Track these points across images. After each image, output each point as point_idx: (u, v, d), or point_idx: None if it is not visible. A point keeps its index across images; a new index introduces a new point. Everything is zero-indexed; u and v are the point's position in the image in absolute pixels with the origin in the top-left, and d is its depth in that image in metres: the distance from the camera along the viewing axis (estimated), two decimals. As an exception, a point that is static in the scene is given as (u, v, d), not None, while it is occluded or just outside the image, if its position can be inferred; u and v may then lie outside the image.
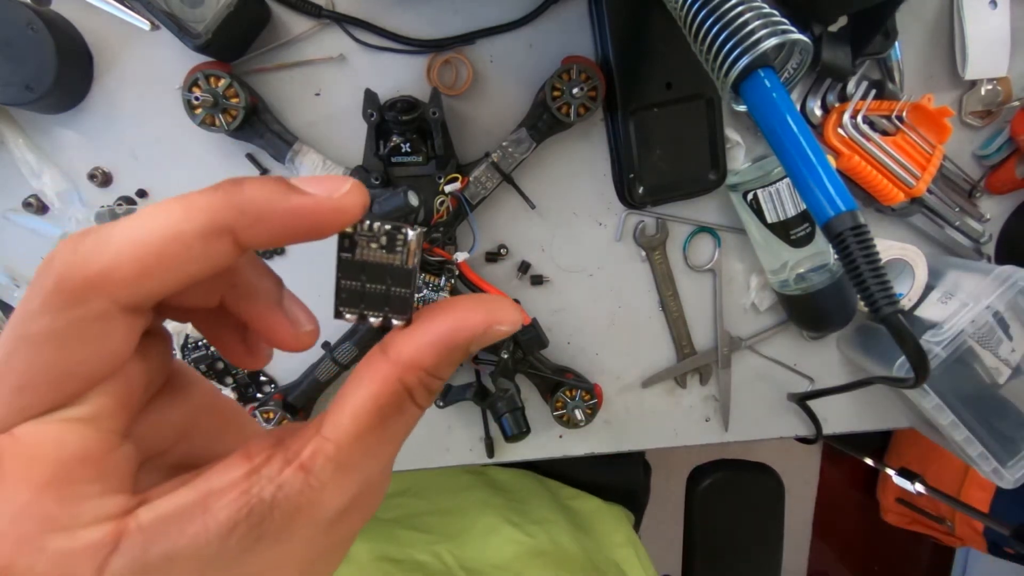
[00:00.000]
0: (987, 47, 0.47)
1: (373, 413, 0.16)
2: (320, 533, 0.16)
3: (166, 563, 0.13)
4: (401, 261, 0.16)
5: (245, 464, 0.15)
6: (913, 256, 0.51)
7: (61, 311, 0.13)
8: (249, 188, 0.15)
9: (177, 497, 0.14)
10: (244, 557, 0.14)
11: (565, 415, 0.49)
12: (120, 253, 0.13)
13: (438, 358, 0.16)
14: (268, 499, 0.15)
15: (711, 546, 0.72)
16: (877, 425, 0.57)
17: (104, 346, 0.14)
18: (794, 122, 0.27)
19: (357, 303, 0.17)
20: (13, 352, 0.13)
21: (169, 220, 0.14)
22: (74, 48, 0.42)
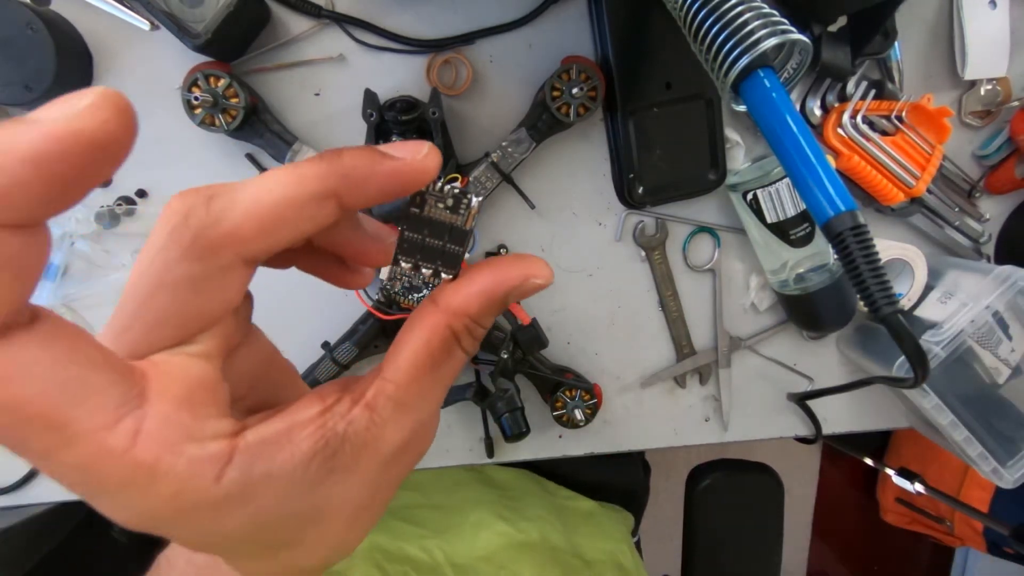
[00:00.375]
0: (986, 47, 0.47)
1: (426, 356, 0.18)
2: (381, 468, 0.18)
3: (263, 481, 0.15)
4: (461, 222, 0.19)
5: (319, 403, 0.17)
6: (913, 256, 0.51)
7: (197, 261, 0.15)
8: (349, 156, 0.17)
9: (270, 426, 0.16)
10: (318, 486, 0.16)
11: (565, 415, 0.49)
12: (247, 214, 0.15)
13: (482, 306, 0.18)
14: (340, 433, 0.17)
15: (710, 546, 0.72)
16: (877, 425, 0.57)
17: (225, 293, 0.16)
18: (794, 122, 0.27)
19: (414, 253, 0.19)
20: (152, 294, 0.16)
21: (286, 186, 0.16)
22: (74, 48, 0.42)
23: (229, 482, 0.15)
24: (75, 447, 0.13)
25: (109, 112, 0.13)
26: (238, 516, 0.16)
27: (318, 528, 0.18)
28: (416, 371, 0.18)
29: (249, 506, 0.16)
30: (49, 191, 0.12)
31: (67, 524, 0.68)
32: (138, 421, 0.14)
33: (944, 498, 0.81)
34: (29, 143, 0.12)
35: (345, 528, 0.18)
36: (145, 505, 0.14)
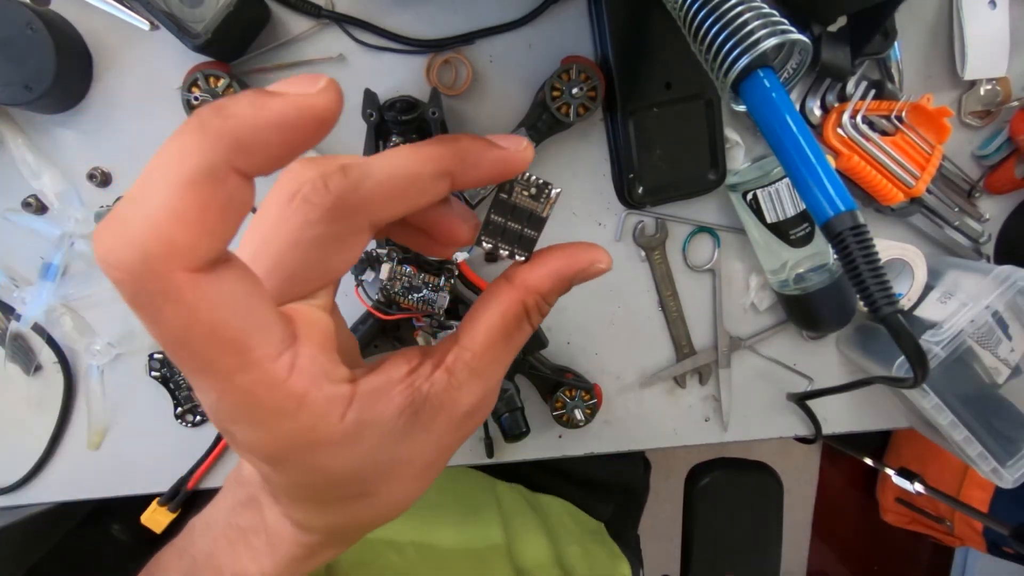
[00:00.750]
0: (986, 47, 0.48)
1: (500, 328, 0.20)
2: (453, 427, 0.20)
3: (370, 426, 0.18)
4: (540, 210, 0.21)
5: (406, 364, 0.19)
6: (913, 256, 0.51)
7: (335, 222, 0.17)
8: (465, 141, 0.19)
9: (373, 379, 0.18)
10: (402, 438, 0.18)
11: (565, 415, 0.49)
12: (380, 183, 0.17)
13: (552, 285, 0.21)
14: (424, 393, 0.19)
15: (709, 545, 0.72)
16: (876, 425, 0.57)
17: (350, 253, 0.19)
18: (793, 122, 0.27)
19: (496, 235, 0.21)
20: (288, 249, 0.17)
21: (412, 164, 0.18)
22: (73, 48, 0.42)
23: (348, 422, 0.17)
24: (249, 372, 0.15)
25: (334, 94, 0.15)
26: (346, 456, 0.18)
27: (390, 482, 0.19)
28: (490, 340, 0.20)
29: (356, 448, 0.18)
30: (281, 151, 0.15)
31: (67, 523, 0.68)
32: (293, 357, 0.16)
33: (944, 498, 0.81)
34: (279, 110, 0.14)
35: (411, 483, 0.20)
36: (285, 431, 0.16)
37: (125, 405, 0.51)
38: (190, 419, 0.51)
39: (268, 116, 0.14)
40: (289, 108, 0.14)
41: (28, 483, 0.51)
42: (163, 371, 0.50)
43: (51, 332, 0.49)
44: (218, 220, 0.13)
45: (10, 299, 0.47)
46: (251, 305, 0.15)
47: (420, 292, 0.44)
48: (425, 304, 0.44)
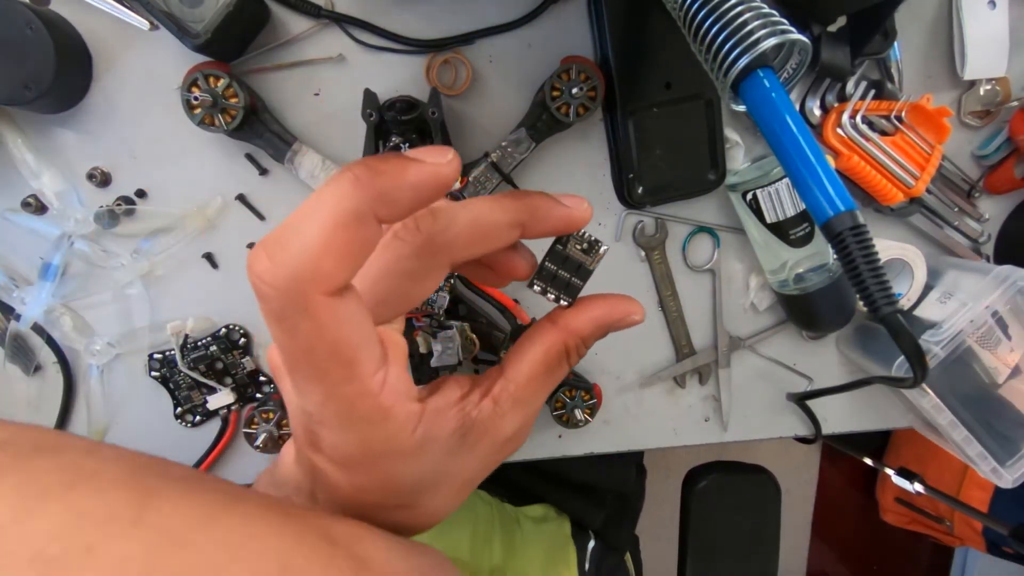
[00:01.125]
0: (986, 47, 0.48)
1: (542, 364, 0.22)
2: (494, 450, 0.22)
3: (431, 443, 0.20)
4: (588, 263, 0.24)
5: (459, 390, 0.21)
6: (912, 256, 0.51)
7: (421, 259, 0.20)
8: (536, 198, 0.22)
9: (437, 400, 0.21)
10: (451, 456, 0.21)
11: (564, 415, 0.49)
12: (463, 228, 0.20)
13: (592, 330, 0.23)
14: (473, 418, 0.21)
15: (705, 548, 0.72)
16: (876, 425, 0.57)
17: (429, 285, 0.21)
18: (793, 122, 0.27)
19: (547, 281, 0.23)
20: (382, 278, 0.20)
21: (492, 213, 0.21)
22: (73, 48, 0.42)
23: (418, 436, 0.19)
24: (353, 383, 0.18)
25: (457, 165, 0.18)
26: (411, 466, 0.20)
27: (433, 494, 0.22)
28: (533, 374, 0.22)
29: (420, 460, 0.20)
30: (412, 205, 0.18)
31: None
32: (385, 374, 0.19)
33: (944, 498, 0.81)
34: (417, 174, 0.17)
35: (450, 497, 0.22)
36: (370, 439, 0.19)
37: (125, 405, 0.51)
38: (189, 419, 0.51)
39: (408, 178, 0.17)
40: (425, 174, 0.17)
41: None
42: (163, 371, 0.50)
43: (51, 332, 0.49)
44: (356, 255, 0.16)
45: (10, 299, 0.47)
46: (363, 327, 0.18)
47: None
48: (425, 304, 0.44)
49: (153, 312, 0.49)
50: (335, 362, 0.17)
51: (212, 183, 0.47)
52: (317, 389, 0.18)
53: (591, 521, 0.71)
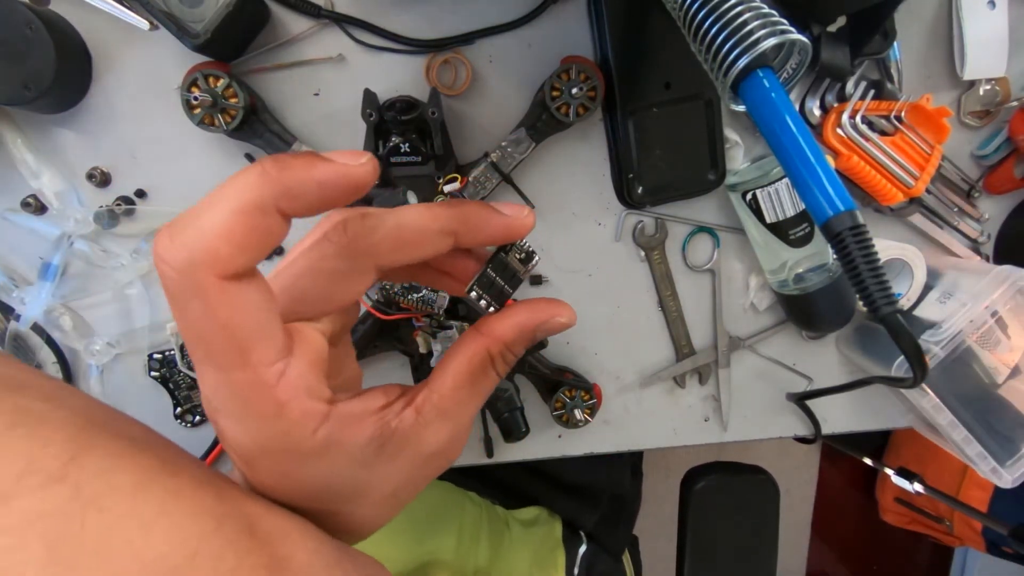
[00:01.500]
0: (985, 47, 0.48)
1: (466, 373, 0.22)
2: (419, 463, 0.21)
3: (337, 447, 0.19)
4: (521, 272, 0.24)
5: (383, 399, 0.21)
6: (912, 256, 0.51)
7: (345, 260, 0.20)
8: (470, 208, 0.22)
9: (349, 406, 0.20)
10: (368, 466, 0.20)
11: (564, 415, 0.49)
12: (388, 234, 0.20)
13: (515, 336, 0.23)
14: (392, 428, 0.20)
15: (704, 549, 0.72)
16: (876, 425, 0.57)
17: (353, 288, 0.21)
18: (793, 122, 0.27)
19: (485, 288, 0.23)
20: (303, 275, 0.20)
21: (420, 220, 0.20)
22: (73, 48, 0.42)
23: (319, 438, 0.19)
24: (244, 371, 0.18)
25: (371, 168, 0.19)
26: (312, 468, 0.19)
27: (355, 504, 0.21)
28: (457, 384, 0.22)
29: (323, 463, 0.19)
30: (319, 203, 0.18)
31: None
32: (284, 367, 0.18)
33: (943, 498, 0.81)
34: (324, 172, 0.18)
35: (375, 508, 0.22)
36: (263, 433, 0.19)
37: (124, 405, 0.51)
38: (189, 419, 0.51)
39: (315, 175, 0.17)
40: (333, 172, 0.18)
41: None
42: (162, 371, 0.50)
43: (50, 332, 0.49)
44: (254, 243, 0.17)
45: (9, 299, 0.47)
46: (261, 315, 0.18)
47: (419, 292, 0.44)
48: (424, 304, 0.44)
49: (153, 312, 0.49)
50: (226, 346, 0.17)
51: (212, 183, 0.47)
52: (209, 372, 0.18)
53: (584, 522, 0.71)
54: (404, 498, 0.23)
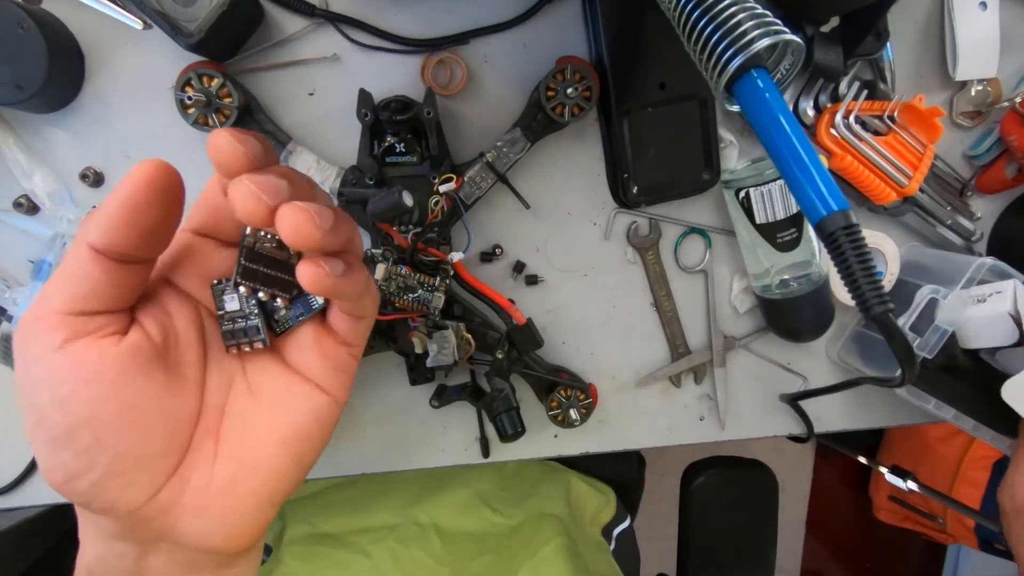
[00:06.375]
0: (977, 48, 0.48)
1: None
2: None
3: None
4: (287, 258, 0.27)
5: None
6: (880, 241, 0.51)
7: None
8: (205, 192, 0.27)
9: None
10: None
11: (560, 415, 0.49)
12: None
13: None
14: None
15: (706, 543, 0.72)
16: (869, 424, 0.58)
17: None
18: (787, 122, 0.27)
19: (250, 278, 0.26)
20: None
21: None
22: (65, 47, 0.42)
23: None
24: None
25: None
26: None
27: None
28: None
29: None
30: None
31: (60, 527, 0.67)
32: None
33: (936, 496, 0.82)
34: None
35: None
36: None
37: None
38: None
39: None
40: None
41: (21, 485, 0.50)
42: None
43: (43, 333, 0.48)
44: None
45: (2, 300, 0.47)
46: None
47: (415, 292, 0.44)
48: (420, 304, 0.44)
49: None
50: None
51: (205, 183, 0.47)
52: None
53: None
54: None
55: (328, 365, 0.28)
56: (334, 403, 0.29)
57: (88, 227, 0.22)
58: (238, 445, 0.26)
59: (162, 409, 0.24)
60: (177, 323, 0.26)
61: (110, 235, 0.22)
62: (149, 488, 0.24)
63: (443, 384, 0.51)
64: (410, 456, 0.54)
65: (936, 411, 0.49)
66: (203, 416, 0.26)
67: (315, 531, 0.63)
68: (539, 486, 0.69)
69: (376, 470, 0.53)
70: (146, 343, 0.24)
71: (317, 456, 0.29)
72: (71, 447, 0.22)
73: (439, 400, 0.50)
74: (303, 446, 0.27)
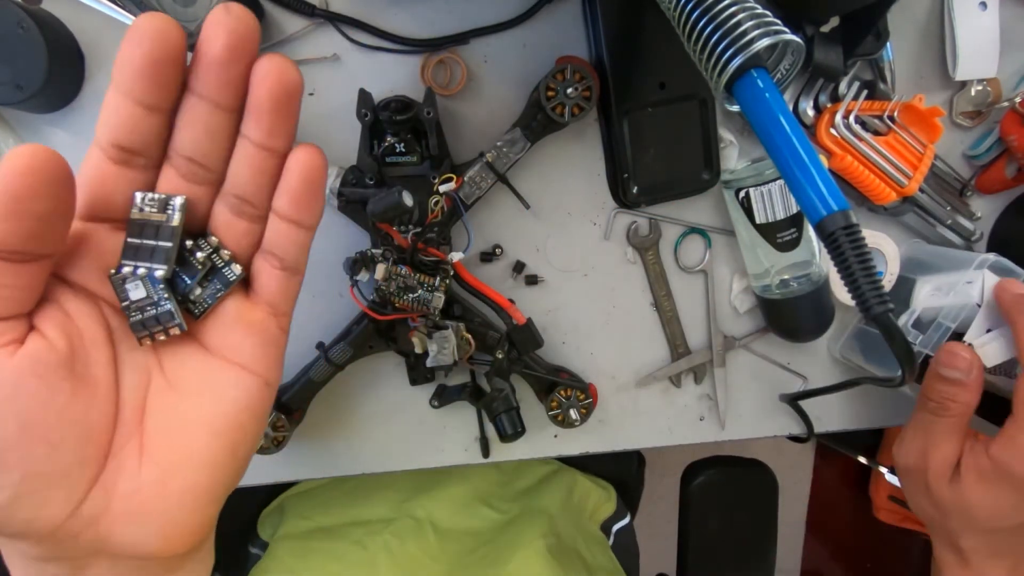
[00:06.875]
0: (977, 48, 0.48)
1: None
2: None
3: None
4: (168, 220, 0.24)
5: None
6: (880, 241, 0.51)
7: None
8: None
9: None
10: None
11: (560, 415, 0.49)
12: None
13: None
14: None
15: (705, 543, 0.72)
16: (869, 423, 0.58)
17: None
18: (787, 122, 0.27)
19: (133, 256, 0.24)
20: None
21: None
22: (65, 47, 0.42)
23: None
24: None
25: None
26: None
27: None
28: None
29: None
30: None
31: None
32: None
33: (936, 495, 0.82)
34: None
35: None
36: None
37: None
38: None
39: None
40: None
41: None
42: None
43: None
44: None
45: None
46: None
47: (415, 292, 0.44)
48: (420, 304, 0.44)
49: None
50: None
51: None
52: None
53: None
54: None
55: (256, 342, 0.26)
56: (264, 384, 0.26)
57: None
58: (164, 443, 0.24)
59: (71, 419, 0.22)
60: (80, 323, 0.23)
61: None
62: (67, 504, 0.22)
63: (443, 384, 0.51)
64: (410, 456, 0.54)
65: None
66: (121, 418, 0.24)
67: (311, 525, 0.62)
68: (539, 483, 0.69)
69: (375, 470, 0.53)
70: (47, 351, 0.22)
71: (255, 443, 0.27)
72: None
73: (439, 400, 0.50)
74: (236, 435, 0.25)
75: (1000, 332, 0.44)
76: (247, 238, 0.25)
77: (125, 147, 0.23)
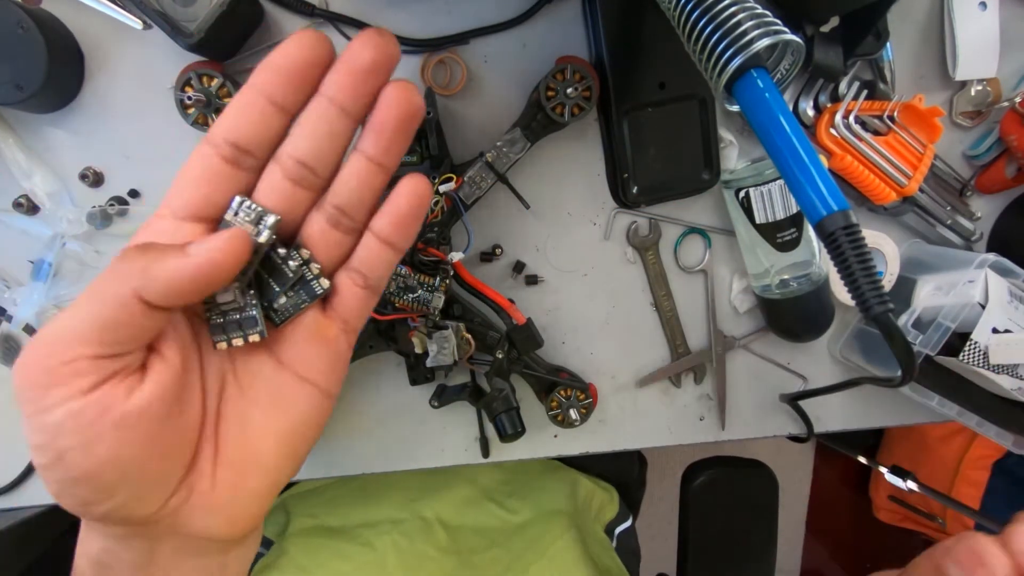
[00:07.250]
0: (977, 48, 0.48)
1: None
2: None
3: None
4: (269, 246, 0.25)
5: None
6: (880, 241, 0.51)
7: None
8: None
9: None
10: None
11: (560, 415, 0.49)
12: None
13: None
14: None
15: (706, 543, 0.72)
16: (869, 423, 0.58)
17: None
18: (787, 122, 0.27)
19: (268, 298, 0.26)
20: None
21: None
22: (65, 47, 0.42)
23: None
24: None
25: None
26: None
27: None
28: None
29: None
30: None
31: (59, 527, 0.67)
32: None
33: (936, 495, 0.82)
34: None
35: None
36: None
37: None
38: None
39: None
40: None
41: (21, 485, 0.50)
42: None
43: (43, 333, 0.48)
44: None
45: (2, 300, 0.47)
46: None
47: (415, 292, 0.44)
48: (420, 304, 0.44)
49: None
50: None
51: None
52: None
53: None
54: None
55: (327, 358, 0.27)
56: (328, 398, 0.28)
57: (146, 278, 0.21)
58: (237, 448, 0.26)
59: (180, 429, 0.24)
60: (180, 331, 0.24)
61: (173, 298, 0.21)
62: (161, 500, 0.24)
63: (443, 384, 0.51)
64: (410, 456, 0.54)
65: (939, 408, 0.49)
66: (204, 423, 0.26)
67: (319, 524, 0.63)
68: (544, 481, 0.69)
69: (376, 470, 0.53)
70: (168, 374, 0.23)
71: (311, 447, 0.29)
72: (90, 484, 0.22)
73: (439, 400, 0.50)
74: (298, 442, 0.27)
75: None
76: (337, 250, 0.26)
77: (241, 145, 0.24)
